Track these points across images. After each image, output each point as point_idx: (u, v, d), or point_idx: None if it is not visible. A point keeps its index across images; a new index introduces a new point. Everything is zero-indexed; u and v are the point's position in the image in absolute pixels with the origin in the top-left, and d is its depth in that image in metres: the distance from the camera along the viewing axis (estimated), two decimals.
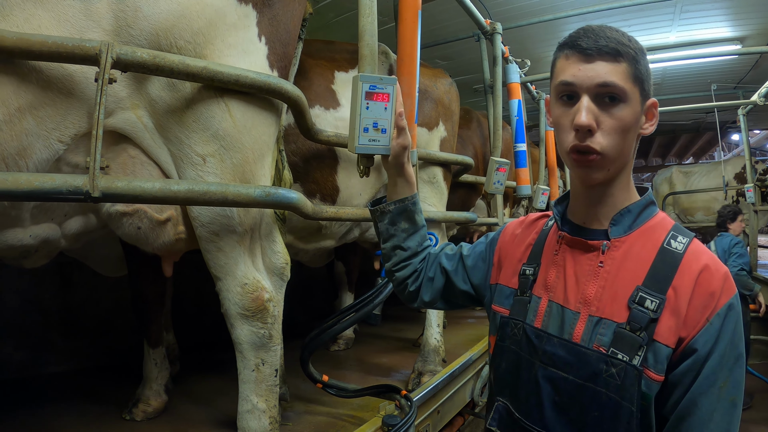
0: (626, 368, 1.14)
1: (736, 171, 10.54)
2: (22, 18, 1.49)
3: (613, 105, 1.19)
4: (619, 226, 1.28)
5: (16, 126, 1.53)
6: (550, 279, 1.35)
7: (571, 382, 1.21)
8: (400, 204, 1.65)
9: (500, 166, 3.86)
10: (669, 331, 1.14)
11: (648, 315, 1.15)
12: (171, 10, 1.75)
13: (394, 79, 2.05)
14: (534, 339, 1.31)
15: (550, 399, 1.24)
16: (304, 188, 3.01)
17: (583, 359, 1.20)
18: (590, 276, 1.27)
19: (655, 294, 1.16)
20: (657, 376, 1.14)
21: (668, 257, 1.20)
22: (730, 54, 7.18)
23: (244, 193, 1.75)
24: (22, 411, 2.76)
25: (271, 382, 2.13)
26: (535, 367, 1.28)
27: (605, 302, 1.22)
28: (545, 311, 1.33)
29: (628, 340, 1.15)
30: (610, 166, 1.23)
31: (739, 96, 9.04)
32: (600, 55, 1.19)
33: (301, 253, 3.56)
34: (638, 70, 1.20)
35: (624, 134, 1.21)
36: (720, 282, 1.15)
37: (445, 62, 7.17)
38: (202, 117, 1.87)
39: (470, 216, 3.63)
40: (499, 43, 4.21)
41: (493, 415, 1.39)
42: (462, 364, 3.52)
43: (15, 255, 1.96)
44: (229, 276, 2.04)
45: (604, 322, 1.21)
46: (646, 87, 1.23)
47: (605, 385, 1.16)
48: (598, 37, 1.20)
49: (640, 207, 1.29)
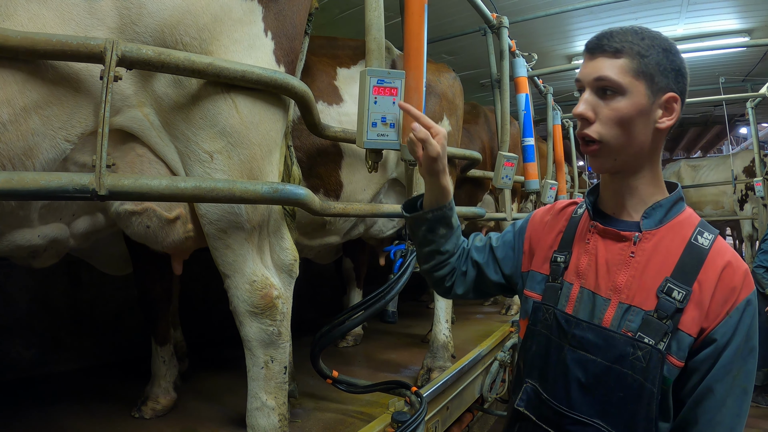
0: (651, 351, 1.23)
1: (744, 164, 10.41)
2: (26, 17, 1.48)
3: (611, 97, 1.29)
4: (650, 219, 1.35)
5: (22, 125, 1.52)
6: (582, 266, 1.42)
7: (599, 364, 1.29)
8: (438, 212, 1.62)
9: (508, 161, 3.84)
10: (692, 322, 1.24)
11: (675, 305, 1.24)
12: (176, 6, 1.73)
13: (402, 73, 2.03)
14: (564, 323, 1.39)
15: (576, 380, 1.33)
16: (308, 183, 3.01)
17: (611, 342, 1.29)
18: (621, 265, 1.34)
19: (682, 286, 1.25)
20: (678, 362, 1.24)
21: (695, 252, 1.28)
22: (738, 46, 7.12)
23: (251, 190, 1.73)
24: (32, 409, 2.77)
25: (281, 379, 2.12)
26: (564, 351, 1.37)
27: (635, 290, 1.30)
28: (577, 297, 1.40)
29: (655, 326, 1.25)
30: (615, 155, 1.32)
31: (747, 89, 8.95)
32: (601, 53, 1.31)
33: (306, 250, 3.56)
34: (644, 65, 1.28)
35: (623, 125, 1.29)
36: (741, 278, 1.25)
37: (451, 57, 7.14)
38: (209, 113, 1.85)
39: (478, 211, 3.61)
40: (506, 37, 4.19)
41: (521, 396, 1.46)
42: (471, 360, 3.51)
43: (24, 255, 1.96)
44: (237, 273, 2.03)
45: (633, 309, 1.29)
46: (657, 81, 1.29)
47: (631, 367, 1.25)
48: (604, 37, 1.32)
49: (671, 202, 1.37)
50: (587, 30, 6.85)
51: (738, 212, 10.50)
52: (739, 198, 10.45)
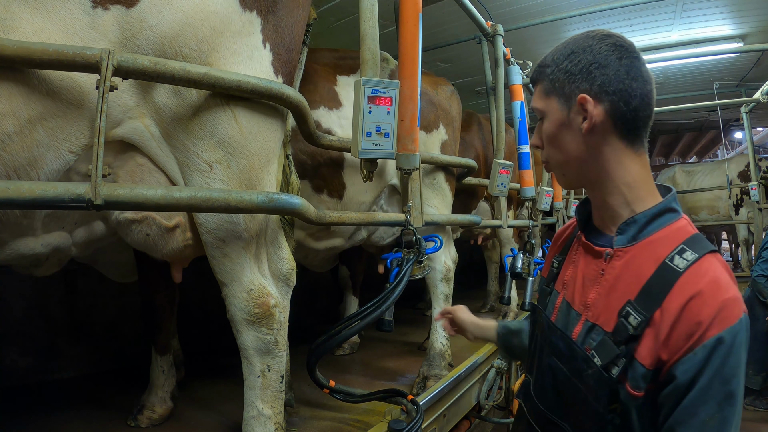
0: (598, 373, 1.19)
1: (739, 169, 10.46)
2: (30, 30, 1.50)
3: (541, 122, 1.37)
4: (623, 236, 1.27)
5: (27, 137, 1.54)
6: (567, 277, 1.43)
7: (564, 373, 1.29)
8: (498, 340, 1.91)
9: (503, 168, 3.86)
10: (647, 351, 1.13)
11: (629, 331, 1.15)
12: (175, 19, 1.76)
13: (396, 83, 2.05)
14: (546, 328, 1.41)
15: (551, 383, 1.35)
16: (312, 184, 3.10)
17: (573, 355, 1.27)
18: (593, 281, 1.31)
19: (641, 312, 1.15)
20: (634, 392, 1.15)
21: (666, 275, 1.15)
22: (732, 52, 7.18)
23: (246, 199, 1.74)
24: (27, 417, 2.77)
25: (277, 388, 2.13)
26: (544, 354, 1.39)
27: (600, 310, 1.26)
28: (559, 306, 1.42)
29: (608, 348, 1.19)
30: (562, 170, 1.37)
31: (741, 94, 9.01)
32: (534, 86, 1.39)
33: (312, 254, 3.59)
34: (552, 82, 1.30)
35: (552, 142, 1.34)
36: (712, 311, 1.07)
37: (446, 65, 7.17)
38: (208, 124, 1.87)
39: (474, 219, 3.63)
40: (500, 45, 4.21)
41: (520, 388, 1.55)
42: (468, 367, 3.51)
43: (26, 264, 1.98)
44: (235, 282, 2.04)
45: (596, 328, 1.25)
46: (566, 89, 1.28)
47: (584, 384, 1.23)
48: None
49: (648, 217, 1.25)
50: None
51: (733, 217, 10.54)
52: (735, 203, 10.49)
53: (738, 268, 11.00)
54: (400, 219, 2.63)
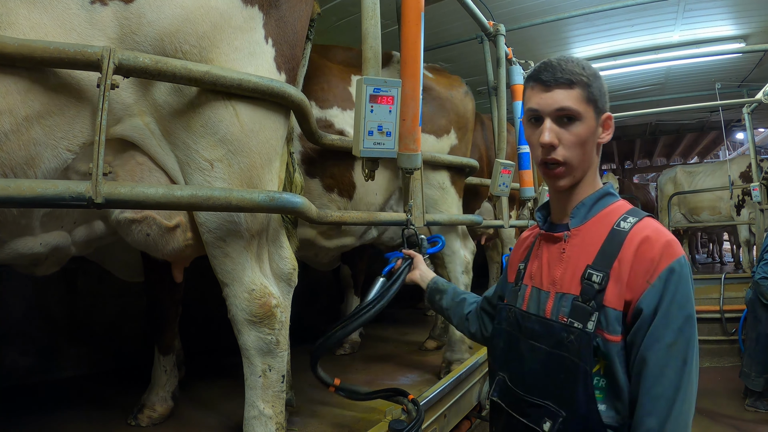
0: (581, 334, 1.36)
1: (741, 170, 10.42)
2: (27, 26, 1.49)
3: (571, 123, 1.46)
4: (576, 218, 1.52)
5: (24, 135, 1.53)
6: (534, 269, 1.60)
7: (543, 351, 1.45)
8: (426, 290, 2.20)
9: (505, 168, 3.85)
10: (614, 296, 1.34)
11: (594, 287, 1.37)
12: (175, 14, 1.74)
13: (398, 82, 2.04)
14: (520, 319, 1.57)
15: (529, 366, 1.48)
16: (323, 183, 3.08)
17: (551, 331, 1.44)
18: (557, 261, 1.52)
19: (600, 269, 1.38)
20: (612, 337, 1.33)
21: (616, 236, 1.40)
22: (734, 52, 7.16)
23: (248, 198, 1.73)
24: (28, 417, 2.77)
25: (278, 388, 2.12)
26: (521, 342, 1.54)
27: (567, 281, 1.46)
28: (529, 295, 1.58)
29: (580, 309, 1.38)
30: (575, 172, 1.50)
31: (743, 94, 8.98)
32: (557, 85, 1.46)
33: (322, 253, 3.59)
34: (591, 93, 1.45)
35: (582, 146, 1.47)
36: (659, 249, 1.32)
37: (448, 64, 7.15)
38: (209, 121, 1.86)
39: (475, 218, 3.62)
40: (502, 44, 4.20)
41: (494, 388, 1.64)
42: (468, 367, 3.50)
43: (26, 263, 1.97)
44: (236, 282, 2.03)
45: (565, 296, 1.44)
46: (599, 104, 1.48)
47: (567, 350, 1.38)
48: (555, 70, 1.46)
49: (594, 199, 1.52)
50: (583, 37, 6.88)
51: (735, 217, 10.51)
52: (736, 203, 10.46)
53: (739, 269, 10.98)
54: (401, 218, 2.62)
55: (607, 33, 6.76)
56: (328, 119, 3.05)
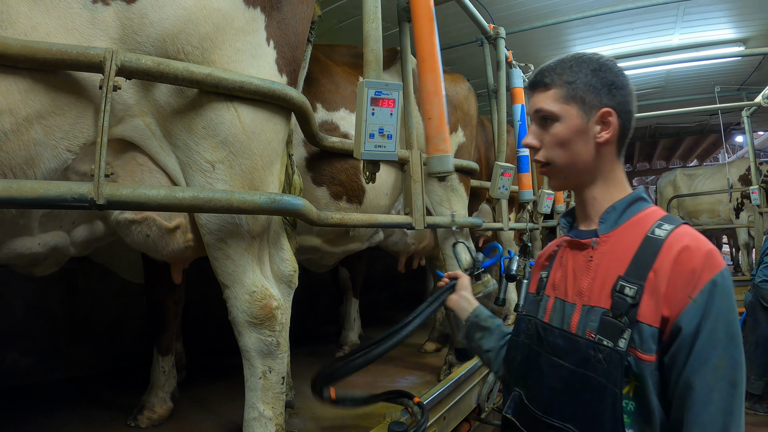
0: (611, 353, 1.23)
1: (740, 173, 10.44)
2: (28, 26, 1.48)
3: (550, 125, 1.43)
4: (606, 224, 1.41)
5: (24, 135, 1.52)
6: (557, 279, 1.49)
7: (566, 368, 1.32)
8: (465, 324, 1.91)
9: (505, 171, 3.85)
10: (650, 311, 1.21)
11: (627, 301, 1.23)
12: (177, 15, 1.74)
13: (399, 85, 2.04)
14: (541, 331, 1.45)
15: (549, 385, 1.36)
16: (330, 191, 3.05)
17: (576, 347, 1.31)
18: (584, 270, 1.40)
19: (634, 281, 1.25)
20: (646, 356, 1.20)
21: (650, 244, 1.27)
22: (734, 56, 7.18)
23: (249, 200, 1.74)
24: (27, 417, 2.77)
25: (278, 389, 2.12)
26: (541, 357, 1.42)
27: (595, 292, 1.33)
28: (552, 307, 1.46)
29: (611, 326, 1.25)
30: (563, 173, 1.46)
31: (742, 97, 9.00)
32: (535, 88, 1.47)
33: (327, 257, 3.59)
34: (572, 90, 1.40)
35: (564, 146, 1.42)
36: (701, 259, 1.19)
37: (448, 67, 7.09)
38: (211, 123, 1.86)
39: (475, 221, 3.62)
40: (502, 47, 4.20)
41: (509, 404, 1.51)
42: (468, 369, 3.50)
43: (25, 263, 1.96)
44: (237, 284, 2.03)
45: (594, 309, 1.31)
46: (588, 100, 1.39)
47: (594, 370, 1.25)
48: (537, 74, 1.47)
49: (626, 203, 1.41)
50: (583, 40, 6.89)
51: (734, 220, 10.54)
52: (735, 206, 10.49)
53: (738, 272, 10.99)
54: (403, 221, 2.63)
55: (607, 36, 6.77)
56: (335, 122, 3.04)
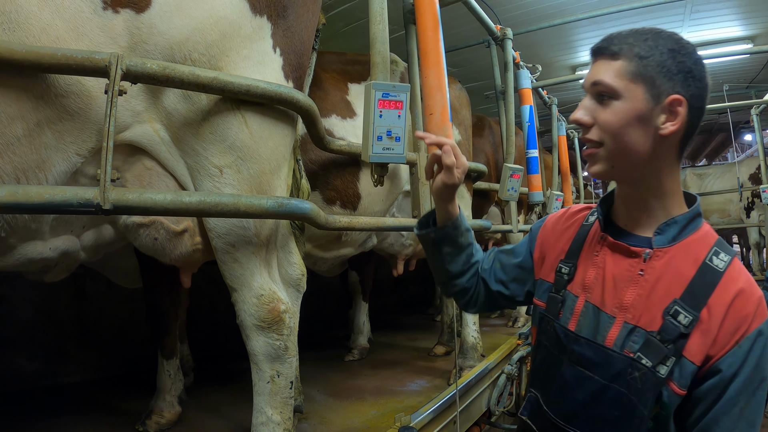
0: (648, 374, 1.17)
1: (750, 172, 10.36)
2: (38, 28, 1.48)
3: (607, 102, 1.25)
4: (663, 236, 1.28)
5: (36, 140, 1.54)
6: (589, 279, 1.36)
7: (596, 382, 1.24)
8: (441, 231, 1.61)
9: (514, 173, 3.83)
10: (697, 349, 1.16)
11: (680, 329, 1.16)
12: (185, 24, 1.76)
13: (407, 87, 2.03)
14: (563, 338, 1.35)
15: (574, 396, 1.28)
16: (324, 196, 3.06)
17: (609, 361, 1.23)
18: (629, 282, 1.28)
19: (690, 310, 1.17)
20: (680, 390, 1.17)
21: (708, 274, 1.20)
22: (742, 53, 7.12)
23: (256, 204, 1.73)
24: (35, 422, 2.77)
25: (286, 394, 2.11)
26: (563, 365, 1.33)
27: (641, 310, 1.23)
28: (581, 311, 1.35)
29: (655, 348, 1.18)
30: (612, 161, 1.27)
31: (751, 95, 8.94)
32: (600, 57, 1.28)
33: (320, 262, 3.59)
34: (642, 67, 1.21)
35: (621, 130, 1.23)
36: (754, 306, 1.16)
37: (455, 69, 7.15)
38: (218, 128, 1.86)
39: (484, 223, 3.60)
40: (509, 48, 4.19)
41: (525, 405, 1.46)
42: (478, 373, 3.49)
43: (35, 269, 1.97)
44: (244, 287, 2.03)
45: (638, 330, 1.22)
46: (659, 83, 1.21)
47: (627, 387, 1.20)
48: (605, 40, 1.28)
49: (687, 219, 1.29)
50: (591, 40, 6.85)
51: (744, 220, 10.46)
52: (746, 206, 10.41)
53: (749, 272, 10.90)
54: (410, 224, 2.62)
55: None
56: (328, 128, 3.04)
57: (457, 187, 1.54)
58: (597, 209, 1.45)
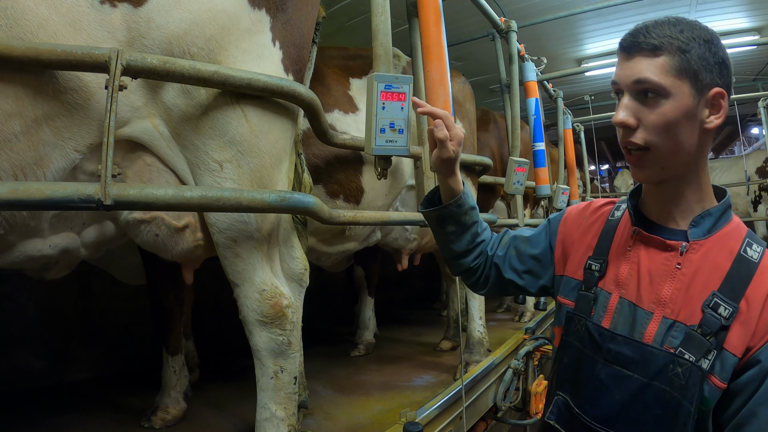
0: (692, 368, 1.15)
1: (757, 165, 10.27)
2: (35, 23, 1.47)
3: (653, 100, 1.19)
4: (698, 229, 1.26)
5: (34, 136, 1.53)
6: (622, 275, 1.34)
7: (636, 381, 1.22)
8: (444, 210, 1.59)
9: (519, 166, 3.81)
10: (738, 341, 1.15)
11: (720, 321, 1.15)
12: (183, 18, 1.74)
13: (409, 78, 2.01)
14: (597, 336, 1.32)
15: (612, 397, 1.25)
16: (327, 189, 3.05)
17: (649, 358, 1.21)
18: (666, 276, 1.26)
19: (730, 302, 1.16)
20: (721, 384, 1.15)
21: (744, 266, 1.20)
22: (749, 45, 7.05)
23: (258, 199, 1.71)
24: (41, 419, 2.78)
25: (290, 389, 2.10)
26: (598, 365, 1.29)
27: (680, 305, 1.22)
28: (616, 308, 1.32)
29: (697, 342, 1.16)
30: (662, 163, 1.23)
31: (758, 88, 8.87)
32: (638, 52, 1.21)
33: (324, 257, 3.58)
34: (685, 62, 1.17)
35: (671, 130, 1.19)
36: None
37: (460, 63, 7.13)
38: (218, 123, 1.85)
39: (490, 217, 3.56)
40: (514, 41, 4.16)
41: (551, 409, 1.40)
42: (484, 368, 3.47)
43: (36, 267, 1.97)
44: (247, 282, 2.01)
45: (677, 325, 1.21)
46: (702, 77, 1.18)
47: (670, 384, 1.17)
48: (640, 33, 1.22)
49: (721, 211, 1.27)
50: (596, 32, 6.82)
51: (752, 213, 10.37)
52: (753, 199, 10.33)
53: None
54: (416, 218, 2.60)
55: (619, 28, 6.69)
56: (330, 123, 3.03)
57: (455, 160, 1.51)
58: (626, 202, 1.43)
